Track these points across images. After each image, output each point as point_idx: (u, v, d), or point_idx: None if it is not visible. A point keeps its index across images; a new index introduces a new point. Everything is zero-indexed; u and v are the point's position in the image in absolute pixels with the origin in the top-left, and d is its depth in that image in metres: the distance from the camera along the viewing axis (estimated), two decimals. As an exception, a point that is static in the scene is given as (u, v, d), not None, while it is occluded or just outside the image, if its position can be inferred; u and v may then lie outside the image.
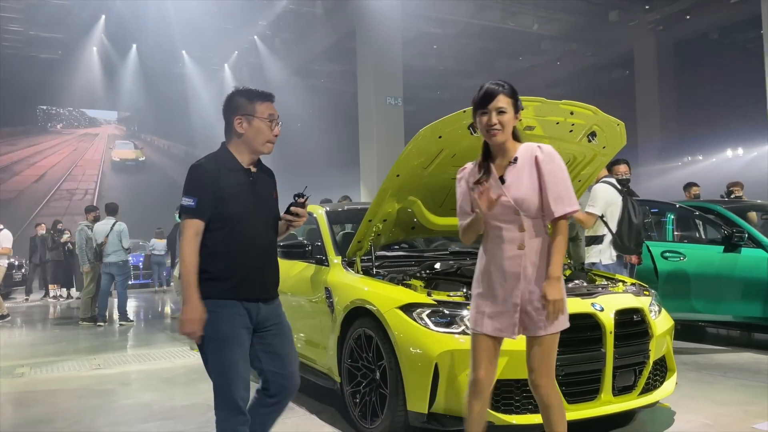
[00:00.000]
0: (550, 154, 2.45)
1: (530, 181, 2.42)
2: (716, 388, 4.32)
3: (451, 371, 2.96)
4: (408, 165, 3.51)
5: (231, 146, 2.49)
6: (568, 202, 2.39)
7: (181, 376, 5.17)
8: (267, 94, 2.50)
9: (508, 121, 2.44)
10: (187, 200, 2.36)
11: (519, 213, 2.41)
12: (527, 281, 2.41)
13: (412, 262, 4.14)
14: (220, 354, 2.38)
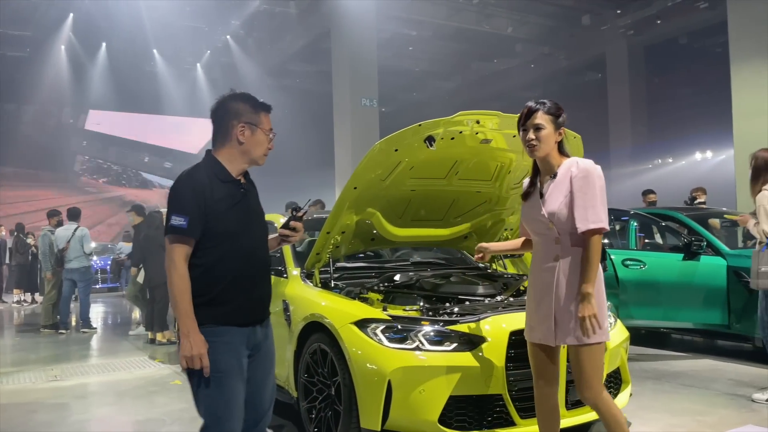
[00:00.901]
0: (585, 170, 2.51)
1: (564, 196, 2.52)
2: (673, 398, 4.37)
3: (405, 388, 2.93)
4: (365, 177, 3.48)
5: (222, 154, 2.30)
6: (593, 219, 2.45)
7: (140, 388, 5.06)
8: (269, 106, 2.38)
9: (545, 137, 2.57)
10: (177, 219, 2.13)
11: (552, 226, 2.53)
12: (559, 292, 2.52)
13: (372, 274, 4.12)
14: (217, 389, 2.15)
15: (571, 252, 2.53)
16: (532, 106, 2.62)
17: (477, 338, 3.03)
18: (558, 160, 2.61)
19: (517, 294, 3.84)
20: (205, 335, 2.15)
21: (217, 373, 2.16)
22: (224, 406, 2.17)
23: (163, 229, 2.24)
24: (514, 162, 3.82)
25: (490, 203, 4.16)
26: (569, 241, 2.53)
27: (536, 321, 2.61)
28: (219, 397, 2.16)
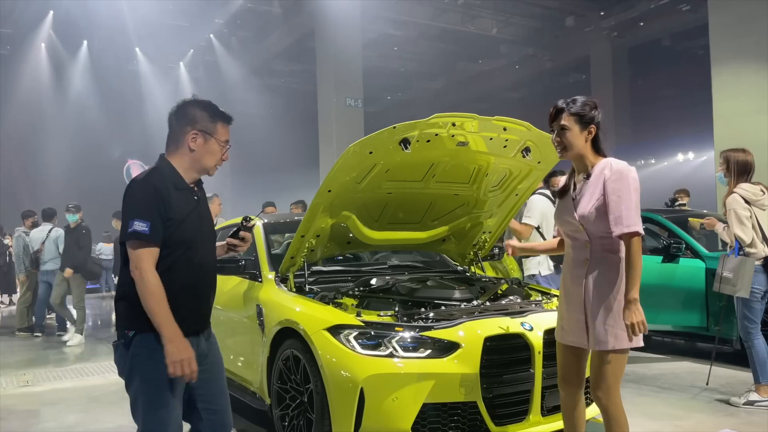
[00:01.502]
0: (619, 172, 2.43)
1: (595, 198, 2.46)
2: (651, 401, 4.36)
3: (377, 396, 2.88)
4: (339, 180, 3.42)
5: (174, 160, 2.25)
6: (627, 222, 2.38)
7: (112, 394, 4.95)
8: (229, 117, 2.32)
9: (571, 138, 2.52)
10: (140, 224, 2.06)
11: (582, 229, 2.49)
12: (588, 297, 2.48)
13: (348, 278, 4.06)
14: (157, 397, 2.10)
15: (601, 256, 2.49)
16: (558, 105, 2.56)
17: (451, 344, 2.98)
18: (593, 160, 2.54)
19: (494, 298, 3.80)
20: (148, 343, 2.09)
21: (160, 382, 2.10)
22: (166, 415, 2.12)
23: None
24: (491, 164, 3.78)
25: (468, 206, 4.11)
26: (599, 245, 2.49)
27: (568, 324, 2.59)
28: (158, 407, 2.11)
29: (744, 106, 10.08)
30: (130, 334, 2.12)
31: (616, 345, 2.44)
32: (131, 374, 2.14)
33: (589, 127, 2.52)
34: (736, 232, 4.08)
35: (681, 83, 18.91)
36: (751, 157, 4.19)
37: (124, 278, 2.17)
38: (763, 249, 4.09)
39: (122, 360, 2.17)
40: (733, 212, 4.08)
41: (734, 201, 4.10)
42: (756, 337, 4.12)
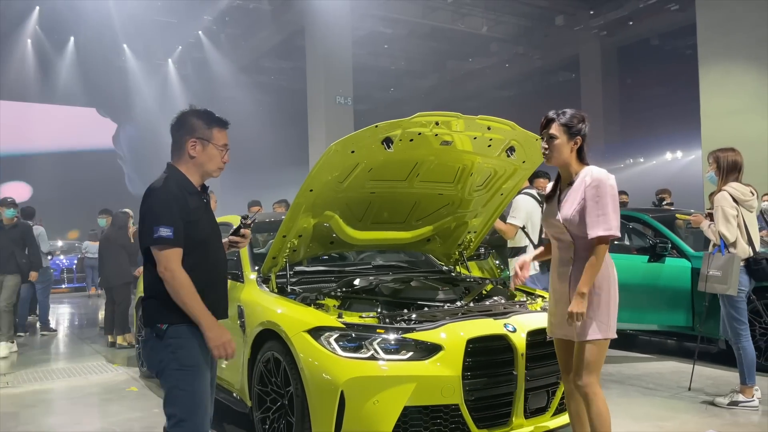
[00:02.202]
0: (598, 179, 2.66)
1: (577, 203, 2.69)
2: (636, 402, 4.35)
3: (358, 399, 2.84)
4: (321, 179, 3.37)
5: (180, 167, 2.44)
6: (603, 227, 2.62)
7: (93, 395, 4.88)
8: (225, 122, 2.48)
9: (557, 146, 2.74)
10: (164, 230, 2.25)
11: (566, 231, 2.72)
12: (573, 291, 2.68)
13: (332, 278, 4.01)
14: (192, 384, 2.30)
15: (583, 256, 2.69)
16: (549, 116, 2.78)
17: (433, 346, 2.94)
18: (577, 168, 2.76)
19: (478, 299, 3.77)
20: (181, 334, 2.29)
21: (194, 368, 2.31)
22: (199, 399, 2.31)
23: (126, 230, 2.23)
24: (476, 164, 3.74)
25: (452, 206, 4.08)
26: (582, 246, 2.70)
27: (556, 318, 2.81)
28: (195, 391, 2.30)
29: (731, 105, 10.12)
30: (163, 327, 2.29)
31: (595, 335, 2.67)
32: (166, 364, 2.30)
33: (576, 138, 2.74)
34: (720, 230, 4.06)
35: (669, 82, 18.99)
36: (740, 157, 4.18)
37: (150, 278, 2.34)
38: (746, 249, 4.08)
39: (153, 353, 2.35)
40: (721, 210, 4.07)
41: (722, 198, 4.08)
42: (745, 338, 4.11)
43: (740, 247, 4.07)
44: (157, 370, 2.35)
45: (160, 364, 2.32)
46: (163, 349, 2.30)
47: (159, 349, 2.31)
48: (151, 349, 2.37)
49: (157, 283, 2.29)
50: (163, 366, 2.32)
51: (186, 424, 2.27)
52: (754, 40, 9.89)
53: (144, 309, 2.41)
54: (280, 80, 22.66)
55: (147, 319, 2.38)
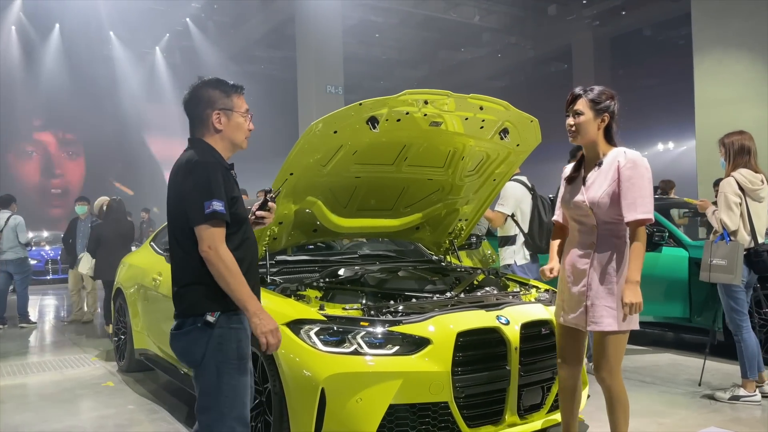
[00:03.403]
0: (633, 161, 2.51)
1: (608, 185, 2.53)
2: (633, 397, 4.12)
3: (340, 397, 2.64)
4: (301, 162, 3.15)
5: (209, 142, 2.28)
6: (641, 210, 2.47)
7: (67, 391, 4.66)
8: (241, 87, 2.35)
9: (583, 123, 2.58)
10: (217, 204, 2.09)
11: (592, 213, 2.57)
12: (592, 280, 2.56)
13: (315, 268, 3.80)
14: (239, 377, 2.18)
15: (607, 241, 2.57)
16: (575, 92, 2.64)
17: (421, 340, 2.75)
18: (605, 149, 2.61)
19: (469, 290, 3.58)
20: (230, 323, 2.16)
21: (242, 360, 2.19)
22: (243, 391, 2.20)
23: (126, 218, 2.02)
24: (467, 147, 3.54)
25: (443, 192, 3.88)
26: (606, 230, 2.57)
27: (569, 305, 2.67)
28: (238, 385, 2.18)
29: (726, 94, 9.98)
30: (215, 315, 2.13)
31: (615, 326, 2.53)
32: (214, 354, 2.14)
33: (603, 115, 2.58)
34: (722, 217, 3.90)
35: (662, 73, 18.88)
36: (748, 140, 3.99)
37: (191, 263, 2.15)
38: (746, 239, 3.91)
39: (194, 344, 2.16)
40: (724, 196, 3.90)
41: (727, 185, 3.92)
42: (746, 330, 3.95)
43: (740, 236, 3.90)
44: (197, 361, 2.17)
45: (203, 356, 2.15)
46: (207, 339, 2.14)
47: (202, 340, 2.14)
48: (193, 340, 2.17)
49: (200, 269, 2.12)
50: (206, 357, 2.15)
51: (227, 419, 2.15)
52: (749, 28, 9.73)
53: (183, 298, 2.19)
54: (270, 69, 22.36)
55: (189, 308, 2.17)
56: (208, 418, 2.17)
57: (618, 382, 2.59)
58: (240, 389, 2.19)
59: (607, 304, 2.54)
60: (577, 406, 2.84)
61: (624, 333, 2.58)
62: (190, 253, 2.16)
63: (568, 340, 2.74)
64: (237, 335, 2.19)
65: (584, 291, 2.59)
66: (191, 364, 2.23)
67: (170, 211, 2.23)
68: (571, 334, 2.72)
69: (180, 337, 2.22)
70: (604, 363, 2.57)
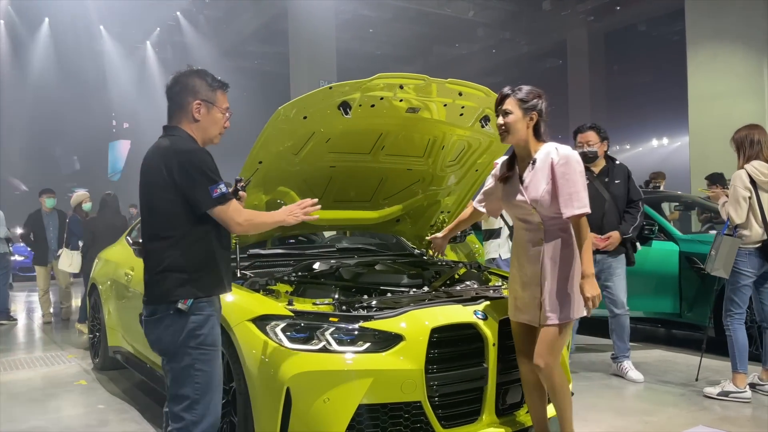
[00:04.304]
0: (566, 157, 2.56)
1: (545, 182, 2.56)
2: (620, 394, 4.06)
3: (306, 397, 2.49)
4: (271, 150, 3.00)
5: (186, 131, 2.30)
6: (577, 204, 2.52)
7: (37, 390, 4.50)
8: (227, 84, 2.38)
9: (512, 122, 2.62)
10: (222, 187, 2.18)
11: (535, 212, 2.60)
12: (545, 276, 2.59)
13: (291, 262, 3.65)
14: (209, 363, 2.21)
15: (555, 236, 2.61)
16: (504, 91, 2.66)
17: (393, 337, 2.60)
18: (535, 146, 2.64)
19: (450, 284, 3.44)
20: (203, 309, 2.20)
21: (214, 347, 2.23)
22: (217, 380, 2.23)
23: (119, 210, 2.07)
24: (447, 136, 3.40)
25: (423, 183, 3.74)
26: (552, 225, 2.61)
27: (523, 303, 2.68)
28: (212, 371, 2.21)
29: (719, 88, 9.85)
30: (188, 303, 2.17)
31: (565, 318, 2.59)
32: (183, 342, 2.17)
33: (531, 114, 2.62)
34: (728, 210, 3.83)
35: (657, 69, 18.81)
36: (757, 132, 3.87)
37: (170, 251, 2.19)
38: (759, 232, 3.80)
39: (167, 331, 2.19)
40: (733, 189, 3.84)
41: (737, 177, 3.84)
42: (738, 322, 3.85)
43: (753, 229, 3.81)
44: (170, 349, 2.19)
45: (175, 343, 2.17)
46: (181, 326, 2.17)
47: (176, 326, 2.17)
48: (166, 327, 2.19)
49: (177, 254, 2.17)
50: (179, 344, 2.17)
51: (198, 407, 2.16)
52: (744, 21, 9.60)
53: (156, 284, 2.21)
54: (262, 65, 22.16)
55: (164, 294, 2.19)
56: (180, 406, 2.17)
57: (559, 371, 2.64)
58: (212, 377, 2.21)
59: (561, 297, 2.57)
60: (544, 401, 2.79)
61: (570, 323, 2.63)
62: (169, 241, 2.19)
63: (524, 337, 2.72)
64: (210, 322, 2.21)
65: (537, 287, 2.61)
66: (163, 351, 2.23)
67: (149, 199, 2.23)
68: (526, 330, 2.71)
69: (153, 323, 2.23)
70: (549, 352, 2.58)
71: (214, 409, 2.22)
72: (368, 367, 2.53)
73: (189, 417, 2.16)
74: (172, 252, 2.19)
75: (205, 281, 2.22)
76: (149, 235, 2.26)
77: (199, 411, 2.17)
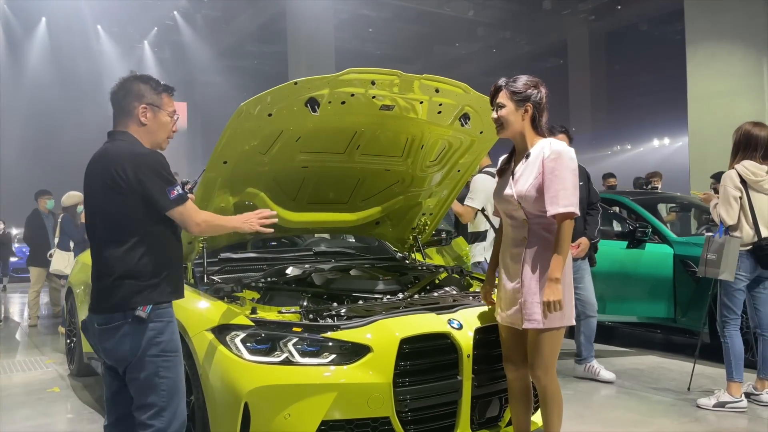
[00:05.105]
0: (558, 152, 2.44)
1: (534, 177, 2.46)
2: (609, 404, 3.90)
3: (265, 412, 2.35)
4: (236, 149, 2.85)
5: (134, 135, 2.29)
6: (563, 203, 2.39)
7: (8, 397, 4.34)
8: (172, 88, 2.38)
9: (506, 115, 2.52)
10: (178, 188, 2.17)
11: (520, 207, 2.48)
12: (526, 276, 2.48)
13: (263, 266, 3.50)
14: (173, 370, 2.19)
15: (539, 235, 2.49)
16: (497, 83, 2.58)
17: (359, 348, 2.45)
18: (533, 139, 2.54)
19: (428, 289, 3.29)
20: (162, 317, 2.16)
21: (176, 353, 2.20)
22: (180, 386, 2.21)
23: None
24: (426, 135, 3.24)
25: (403, 184, 3.59)
26: (537, 224, 2.49)
27: (505, 303, 2.58)
28: (176, 378, 2.19)
29: (718, 87, 9.68)
30: (146, 310, 2.12)
31: (549, 323, 2.44)
32: (145, 350, 2.13)
33: (525, 106, 2.51)
34: (719, 211, 3.68)
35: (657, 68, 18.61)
36: (759, 130, 3.70)
37: (124, 256, 2.14)
38: (749, 234, 3.64)
39: (126, 339, 2.13)
40: (723, 189, 3.69)
41: (727, 177, 3.69)
42: (733, 328, 3.69)
43: (744, 231, 3.65)
44: (130, 358, 2.13)
45: (136, 352, 2.12)
46: (141, 334, 2.12)
47: (136, 334, 2.12)
48: (124, 336, 2.13)
49: (133, 260, 2.13)
50: (140, 353, 2.12)
51: (166, 413, 2.14)
52: (744, 19, 9.43)
53: (113, 291, 2.14)
54: (261, 65, 22.03)
55: (121, 302, 2.13)
56: (147, 414, 2.14)
57: (553, 381, 2.51)
58: (177, 382, 2.19)
59: (540, 300, 2.44)
60: (529, 410, 2.68)
61: (559, 330, 2.49)
62: (123, 247, 2.13)
63: (511, 340, 2.60)
64: (170, 327, 2.19)
65: (518, 288, 2.49)
66: (122, 361, 2.16)
67: (98, 204, 2.19)
68: (512, 332, 2.58)
69: (109, 333, 2.15)
70: (539, 361, 2.48)
71: (181, 413, 2.20)
72: (332, 380, 2.38)
73: (158, 424, 2.14)
74: (128, 258, 2.13)
75: (163, 287, 2.17)
76: (101, 241, 2.20)
77: (167, 416, 2.15)
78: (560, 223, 2.42)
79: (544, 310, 2.40)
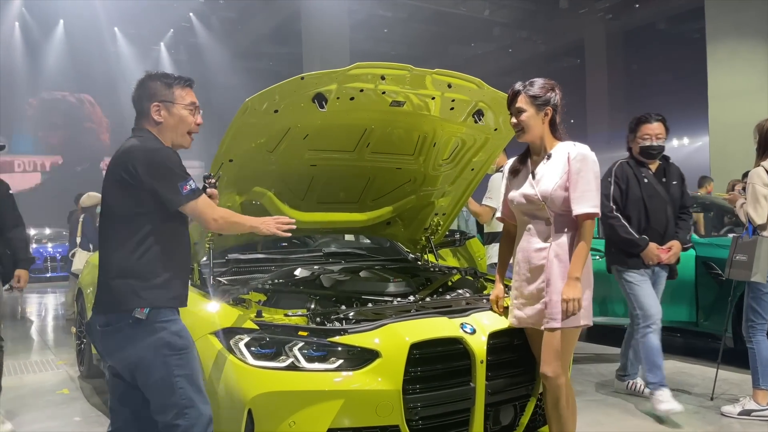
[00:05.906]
0: (583, 154, 2.48)
1: (559, 177, 2.48)
2: (627, 410, 3.75)
3: (270, 420, 2.26)
4: (242, 147, 2.77)
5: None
6: (589, 203, 2.43)
7: (16, 399, 4.29)
8: (187, 79, 2.31)
9: (527, 120, 2.53)
10: (191, 183, 2.11)
11: (545, 207, 2.50)
12: (551, 274, 2.47)
13: (272, 267, 3.42)
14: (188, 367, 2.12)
15: (563, 234, 2.51)
16: (515, 88, 2.58)
17: (368, 353, 2.35)
18: (552, 143, 2.56)
19: (443, 290, 3.19)
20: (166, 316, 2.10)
21: (187, 349, 2.14)
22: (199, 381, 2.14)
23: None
24: (438, 132, 3.14)
25: (415, 183, 3.49)
26: (561, 222, 2.51)
27: (525, 303, 2.56)
28: (192, 374, 2.13)
29: (740, 85, 9.47)
30: (145, 311, 2.06)
31: (570, 323, 2.44)
32: (155, 352, 2.06)
33: (545, 109, 2.53)
34: (748, 211, 3.52)
35: (676, 67, 18.34)
36: None
37: (120, 256, 2.10)
38: None
39: (130, 343, 2.07)
40: (752, 188, 3.53)
41: (755, 175, 3.53)
42: (760, 333, 3.54)
43: None
44: (135, 361, 2.07)
45: (144, 356, 2.06)
46: (145, 336, 2.06)
47: (138, 336, 2.06)
48: (126, 338, 2.07)
49: (131, 260, 2.07)
50: (149, 356, 2.06)
51: (192, 411, 2.07)
52: (764, 16, 9.21)
53: (110, 292, 2.09)
54: (276, 66, 22.07)
55: (118, 303, 2.07)
56: (170, 415, 2.07)
57: (568, 380, 2.51)
58: (194, 377, 2.12)
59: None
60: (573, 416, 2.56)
61: (578, 329, 2.50)
62: (128, 244, 2.09)
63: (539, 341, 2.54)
64: (176, 324, 2.13)
65: (543, 287, 2.48)
66: (126, 364, 2.11)
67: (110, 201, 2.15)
68: (538, 335, 2.55)
69: (110, 334, 2.10)
70: (553, 360, 2.45)
71: (206, 407, 2.12)
72: (339, 387, 2.29)
73: (184, 423, 2.06)
74: (128, 256, 2.09)
75: (163, 290, 2.10)
76: (106, 239, 2.17)
77: (193, 414, 2.07)
78: (583, 222, 2.45)
79: (562, 309, 2.40)
